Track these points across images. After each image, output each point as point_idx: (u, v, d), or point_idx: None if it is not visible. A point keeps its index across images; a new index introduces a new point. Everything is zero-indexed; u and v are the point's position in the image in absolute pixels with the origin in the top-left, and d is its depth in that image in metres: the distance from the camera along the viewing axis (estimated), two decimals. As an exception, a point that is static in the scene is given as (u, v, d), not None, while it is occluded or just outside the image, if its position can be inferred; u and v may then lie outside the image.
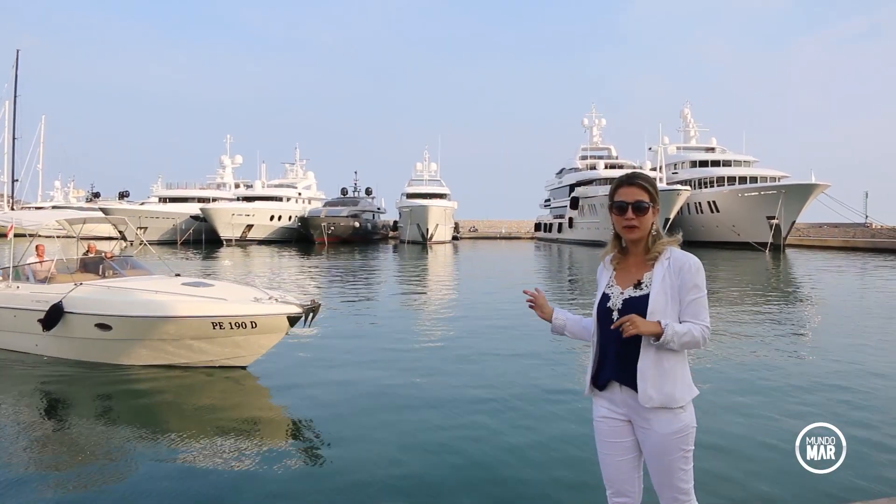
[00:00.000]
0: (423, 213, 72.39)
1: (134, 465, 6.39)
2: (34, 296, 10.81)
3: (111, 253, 13.06)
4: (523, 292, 3.33)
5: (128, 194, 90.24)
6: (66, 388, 9.59)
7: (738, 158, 69.21)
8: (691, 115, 79.93)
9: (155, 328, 9.92)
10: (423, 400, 8.59)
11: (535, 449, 6.66)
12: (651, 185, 3.06)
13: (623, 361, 3.00)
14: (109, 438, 7.29)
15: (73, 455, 6.82)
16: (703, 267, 2.98)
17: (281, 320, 9.66)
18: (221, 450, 6.79)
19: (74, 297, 10.31)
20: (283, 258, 45.36)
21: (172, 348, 10.10)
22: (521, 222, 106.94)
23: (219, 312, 9.69)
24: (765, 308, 17.70)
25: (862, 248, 53.38)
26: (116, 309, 10.05)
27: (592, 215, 72.75)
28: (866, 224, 66.88)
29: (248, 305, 9.78)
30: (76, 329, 10.36)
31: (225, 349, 10.03)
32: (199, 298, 10.10)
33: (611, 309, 3.06)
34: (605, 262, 3.24)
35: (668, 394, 2.90)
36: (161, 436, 7.24)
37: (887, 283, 26.41)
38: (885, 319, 15.96)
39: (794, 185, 55.86)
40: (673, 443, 2.92)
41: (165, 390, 9.29)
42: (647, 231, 3.04)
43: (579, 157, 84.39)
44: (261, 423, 8.09)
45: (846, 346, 12.33)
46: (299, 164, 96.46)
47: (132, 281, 11.21)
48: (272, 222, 75.14)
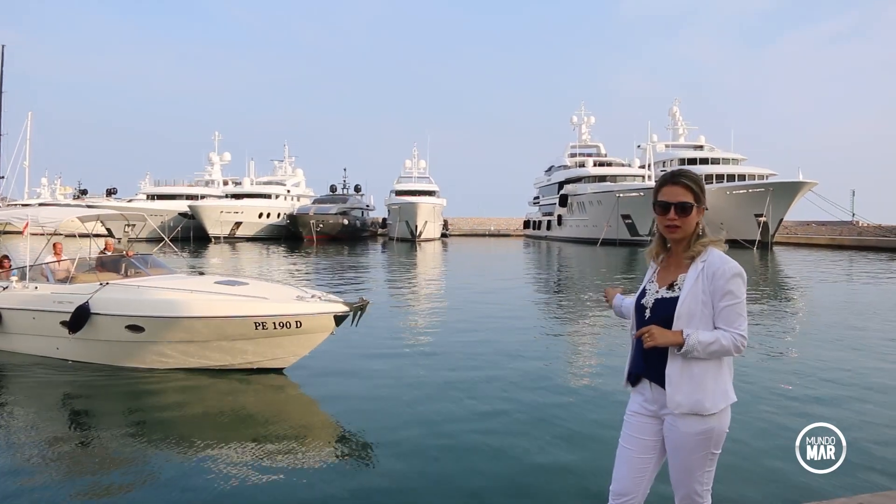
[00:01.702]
0: (412, 210, 72.40)
1: (169, 476, 6.07)
2: (55, 297, 10.23)
3: (132, 251, 12.45)
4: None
5: (115, 191, 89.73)
6: (94, 394, 9.12)
7: (726, 156, 69.47)
8: (680, 113, 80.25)
9: (192, 329, 9.40)
10: (476, 412, 8.03)
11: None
12: (696, 184, 2.97)
13: (651, 360, 2.96)
14: (141, 446, 6.91)
15: (102, 463, 6.52)
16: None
17: (327, 319, 9.20)
18: (263, 457, 6.51)
19: (102, 298, 9.75)
20: (273, 256, 45.20)
21: (209, 351, 9.59)
22: (511, 219, 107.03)
23: (262, 312, 9.17)
24: (756, 307, 17.72)
25: (849, 246, 53.74)
26: (150, 309, 9.50)
27: (581, 213, 72.98)
28: (853, 222, 67.42)
29: (293, 304, 9.32)
30: (104, 331, 9.79)
31: (265, 351, 9.53)
32: (238, 297, 9.58)
33: (644, 306, 3.04)
34: (648, 257, 3.19)
35: (699, 400, 2.84)
36: (196, 443, 6.93)
37: (878, 281, 26.57)
38: (882, 318, 15.99)
39: (781, 182, 56.18)
40: (698, 442, 2.87)
41: (199, 395, 8.91)
42: (690, 232, 2.97)
43: (568, 155, 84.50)
44: (303, 428, 7.76)
45: (844, 345, 12.32)
46: (288, 162, 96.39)
47: (162, 280, 10.70)
48: (261, 220, 74.94)
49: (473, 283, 25.55)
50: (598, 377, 9.93)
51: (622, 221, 62.57)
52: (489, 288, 23.58)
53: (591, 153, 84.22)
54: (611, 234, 61.74)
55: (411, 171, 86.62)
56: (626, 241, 60.27)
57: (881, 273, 30.02)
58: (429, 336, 13.49)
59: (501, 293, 21.62)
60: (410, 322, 15.62)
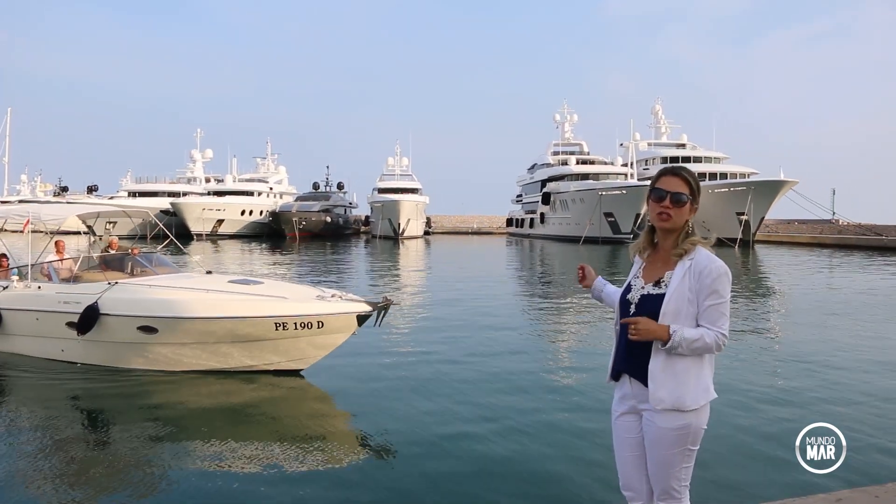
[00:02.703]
0: (395, 207, 72.28)
1: (186, 482, 5.89)
2: (60, 297, 9.80)
3: (137, 249, 11.91)
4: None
5: (96, 188, 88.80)
6: (102, 397, 8.77)
7: (708, 155, 69.89)
8: (662, 111, 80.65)
9: (209, 330, 9.06)
10: (499, 423, 7.64)
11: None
12: (695, 181, 3.02)
13: (633, 354, 2.97)
14: (155, 450, 6.69)
15: (114, 467, 6.30)
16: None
17: (350, 319, 8.91)
18: (282, 460, 6.37)
19: (111, 298, 9.33)
20: (255, 253, 44.94)
21: (225, 352, 9.27)
22: (494, 217, 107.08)
23: (282, 312, 8.86)
24: (745, 307, 17.78)
25: (829, 245, 54.28)
26: (164, 310, 9.13)
27: (564, 211, 73.13)
28: (833, 220, 68.07)
29: (315, 304, 9.02)
30: (114, 333, 9.37)
31: (284, 352, 9.24)
32: (257, 297, 9.26)
33: (629, 301, 3.05)
34: (633, 252, 3.21)
35: (680, 397, 2.85)
36: (212, 447, 6.74)
37: (866, 278, 26.78)
38: (880, 317, 16.06)
39: (763, 181, 56.64)
40: (676, 437, 2.88)
41: (213, 397, 8.67)
42: (680, 226, 2.99)
43: (551, 153, 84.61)
44: (322, 430, 7.57)
45: (842, 344, 12.33)
46: (271, 159, 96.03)
47: (172, 279, 10.30)
48: (243, 217, 74.52)
49: (458, 279, 25.49)
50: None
51: (604, 219, 62.73)
52: (479, 285, 23.56)
53: (574, 151, 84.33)
54: (593, 232, 61.89)
55: (394, 168, 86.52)
56: (608, 239, 60.48)
57: (863, 270, 30.35)
58: (437, 335, 13.23)
59: (491, 289, 21.63)
60: (413, 321, 15.51)
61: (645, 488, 3.06)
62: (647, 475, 3.04)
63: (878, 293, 21.36)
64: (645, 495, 3.06)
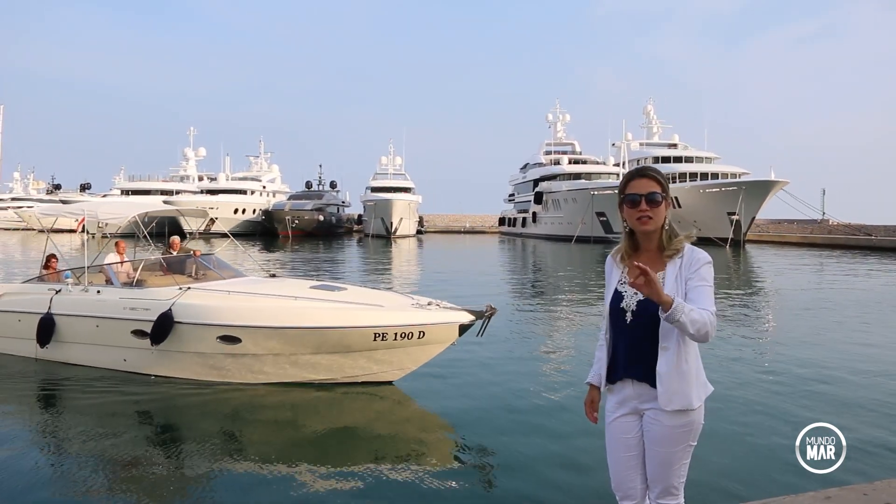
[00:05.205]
0: (388, 206, 72.36)
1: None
2: (124, 302, 9.14)
3: (199, 250, 11.07)
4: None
5: (89, 186, 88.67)
6: (172, 410, 8.11)
7: (699, 155, 70.02)
8: (654, 111, 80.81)
9: (300, 341, 8.48)
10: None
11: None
12: (662, 178, 2.99)
13: (634, 358, 2.99)
14: (236, 469, 6.23)
15: (186, 482, 5.99)
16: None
17: (452, 329, 8.38)
18: (378, 477, 6.02)
19: (185, 304, 8.70)
20: (248, 251, 44.59)
21: (314, 364, 8.67)
22: (486, 216, 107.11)
23: (383, 322, 8.31)
24: (739, 307, 17.88)
25: (819, 244, 54.47)
26: (249, 318, 8.52)
27: (556, 210, 73.31)
28: (823, 220, 68.37)
29: (415, 313, 8.50)
30: (191, 342, 8.72)
31: (379, 363, 8.68)
32: (350, 305, 8.71)
33: (624, 309, 3.01)
34: (615, 259, 3.14)
35: (687, 396, 2.90)
36: (305, 463, 6.37)
37: (859, 279, 26.87)
38: (877, 316, 16.14)
39: (754, 181, 56.76)
40: (680, 435, 2.94)
41: (300, 412, 8.10)
42: (661, 224, 2.98)
43: (543, 153, 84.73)
44: (420, 444, 7.14)
45: (841, 344, 12.32)
46: (264, 157, 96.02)
47: (245, 284, 9.72)
48: (236, 215, 74.46)
49: (456, 278, 25.52)
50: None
51: (597, 219, 62.90)
52: (479, 281, 23.55)
53: (567, 150, 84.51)
54: (585, 232, 62.08)
55: (387, 167, 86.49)
56: (600, 239, 60.51)
57: (854, 269, 30.45)
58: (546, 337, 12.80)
59: (495, 287, 21.64)
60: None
61: (639, 488, 3.09)
62: (641, 475, 3.07)
63: (872, 293, 21.46)
64: (638, 495, 3.09)
